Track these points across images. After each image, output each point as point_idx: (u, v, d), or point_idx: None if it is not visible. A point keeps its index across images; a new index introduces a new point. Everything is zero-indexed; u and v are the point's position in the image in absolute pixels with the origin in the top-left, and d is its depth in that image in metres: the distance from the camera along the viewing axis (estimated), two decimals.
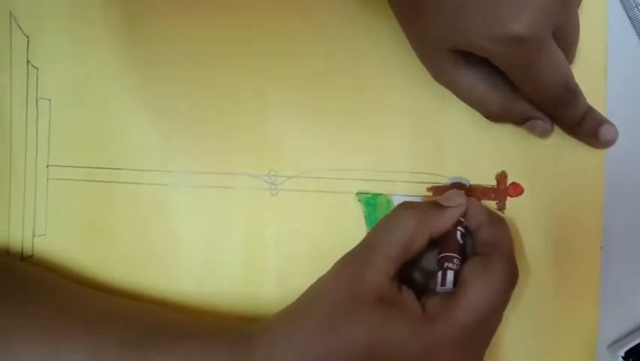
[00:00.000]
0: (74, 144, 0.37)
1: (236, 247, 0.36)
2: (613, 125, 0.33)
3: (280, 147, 0.36)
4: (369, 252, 0.31)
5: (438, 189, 0.35)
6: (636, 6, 0.34)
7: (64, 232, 0.37)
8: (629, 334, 0.35)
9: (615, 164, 0.34)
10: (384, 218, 0.32)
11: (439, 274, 0.31)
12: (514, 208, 0.35)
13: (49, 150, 0.37)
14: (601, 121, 0.33)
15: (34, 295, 0.32)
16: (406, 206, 0.32)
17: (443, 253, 0.31)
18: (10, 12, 0.37)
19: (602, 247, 0.34)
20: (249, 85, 0.36)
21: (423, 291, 0.31)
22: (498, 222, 0.32)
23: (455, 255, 0.31)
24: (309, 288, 0.31)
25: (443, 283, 0.30)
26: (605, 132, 0.33)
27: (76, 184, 0.37)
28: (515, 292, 0.34)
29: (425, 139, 0.35)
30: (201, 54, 0.36)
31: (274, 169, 0.36)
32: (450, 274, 0.30)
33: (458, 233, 0.32)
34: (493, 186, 0.35)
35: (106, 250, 0.36)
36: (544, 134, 0.34)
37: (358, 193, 0.35)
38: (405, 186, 0.35)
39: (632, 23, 0.35)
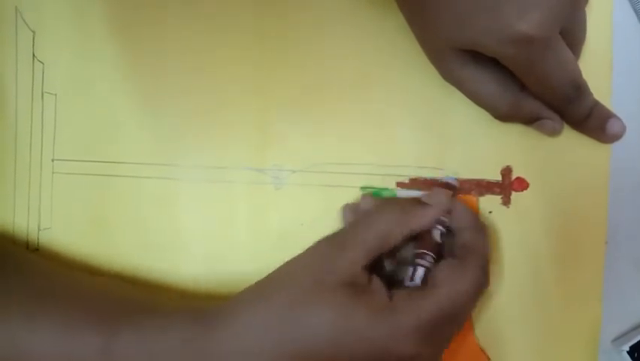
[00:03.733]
0: (79, 138, 0.37)
1: (241, 241, 0.36)
2: (620, 119, 0.33)
3: (284, 141, 0.36)
4: (344, 240, 0.31)
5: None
6: None
7: (69, 225, 0.37)
8: (634, 329, 0.35)
9: (620, 159, 0.34)
10: (365, 212, 0.33)
11: (411, 269, 0.31)
12: (518, 203, 0.35)
13: (55, 144, 0.37)
14: (608, 115, 0.33)
15: (3, 270, 0.33)
16: (388, 202, 0.33)
17: (418, 249, 0.32)
18: (16, 7, 0.37)
19: (606, 243, 0.34)
20: (254, 79, 0.36)
21: (395, 282, 0.31)
22: (480, 229, 0.33)
23: (429, 253, 0.31)
24: (278, 268, 0.32)
25: (412, 279, 0.31)
26: (612, 126, 0.33)
27: (81, 178, 0.37)
28: (518, 286, 0.34)
29: (430, 134, 0.35)
30: (207, 48, 0.36)
31: (278, 163, 0.36)
32: (420, 271, 0.31)
33: (437, 232, 0.32)
34: (498, 180, 0.35)
35: (111, 243, 0.36)
36: (553, 133, 0.34)
37: (363, 187, 0.35)
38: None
39: (639, 18, 0.35)
